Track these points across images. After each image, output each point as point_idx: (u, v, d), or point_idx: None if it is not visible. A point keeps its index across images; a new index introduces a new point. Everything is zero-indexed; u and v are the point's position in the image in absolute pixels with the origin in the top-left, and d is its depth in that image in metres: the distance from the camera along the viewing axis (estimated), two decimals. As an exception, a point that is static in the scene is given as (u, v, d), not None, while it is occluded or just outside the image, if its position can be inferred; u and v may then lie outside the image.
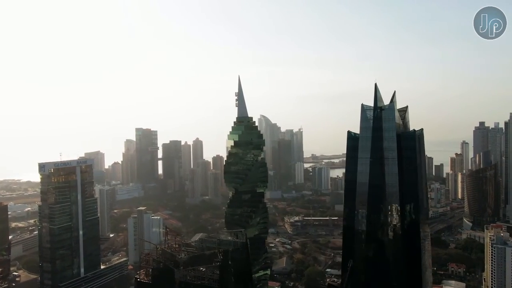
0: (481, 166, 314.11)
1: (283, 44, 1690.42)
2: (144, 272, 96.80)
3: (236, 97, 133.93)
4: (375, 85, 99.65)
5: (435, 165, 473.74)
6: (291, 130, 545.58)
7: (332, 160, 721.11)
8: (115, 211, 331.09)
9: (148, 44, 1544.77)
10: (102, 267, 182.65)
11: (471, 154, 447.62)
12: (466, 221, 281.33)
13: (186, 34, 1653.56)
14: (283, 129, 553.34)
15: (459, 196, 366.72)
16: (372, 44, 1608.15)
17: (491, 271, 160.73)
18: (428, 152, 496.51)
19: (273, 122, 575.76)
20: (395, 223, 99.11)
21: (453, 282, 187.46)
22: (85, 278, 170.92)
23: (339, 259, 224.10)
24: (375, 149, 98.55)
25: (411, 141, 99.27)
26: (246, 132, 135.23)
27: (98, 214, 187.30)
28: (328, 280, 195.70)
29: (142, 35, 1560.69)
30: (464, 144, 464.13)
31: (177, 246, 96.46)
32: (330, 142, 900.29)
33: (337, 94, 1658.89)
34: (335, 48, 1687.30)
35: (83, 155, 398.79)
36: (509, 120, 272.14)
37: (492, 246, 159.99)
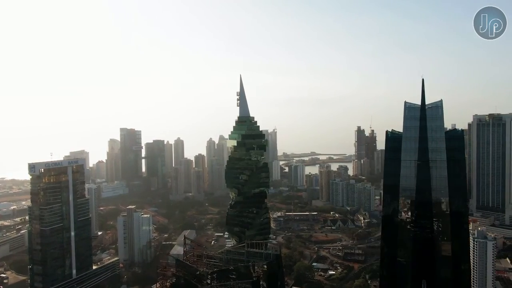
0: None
1: (258, 49, 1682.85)
2: (159, 287, 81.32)
3: (237, 96, 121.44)
4: (422, 81, 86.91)
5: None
6: (267, 131, 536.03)
7: (303, 158, 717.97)
8: (101, 208, 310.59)
9: (131, 46, 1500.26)
10: (94, 267, 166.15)
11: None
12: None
13: (173, 38, 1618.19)
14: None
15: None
16: (351, 52, 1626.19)
17: (472, 263, 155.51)
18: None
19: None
20: (445, 231, 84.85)
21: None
22: (77, 279, 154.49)
23: (323, 253, 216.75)
24: (422, 150, 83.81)
25: (459, 142, 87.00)
26: (249, 132, 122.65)
27: (90, 215, 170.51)
28: (315, 274, 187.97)
29: (126, 38, 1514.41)
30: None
31: (197, 257, 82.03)
32: (297, 141, 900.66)
33: (306, 98, 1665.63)
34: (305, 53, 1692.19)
35: (68, 154, 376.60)
36: (472, 122, 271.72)
37: (473, 240, 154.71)
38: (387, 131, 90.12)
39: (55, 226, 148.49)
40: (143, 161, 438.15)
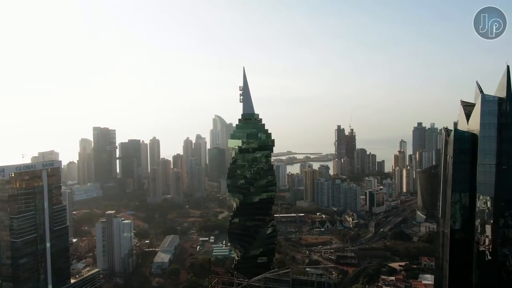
0: (433, 163, 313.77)
1: (231, 49, 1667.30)
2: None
3: (240, 91, 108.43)
4: (507, 68, 74.77)
5: (377, 162, 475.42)
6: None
7: (280, 157, 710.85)
8: (74, 212, 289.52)
9: (101, 43, 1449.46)
10: (72, 281, 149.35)
11: (409, 151, 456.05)
12: (420, 214, 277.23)
13: (144, 36, 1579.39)
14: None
15: (404, 190, 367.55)
16: (327, 52, 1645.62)
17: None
18: (371, 150, 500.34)
19: (228, 122, 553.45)
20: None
21: (429, 276, 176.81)
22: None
23: (315, 257, 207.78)
24: (506, 153, 71.78)
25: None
26: (254, 131, 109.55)
27: (68, 223, 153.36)
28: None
29: (95, 35, 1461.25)
30: (402, 142, 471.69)
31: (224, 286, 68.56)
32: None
33: (279, 97, 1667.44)
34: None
35: (36, 154, 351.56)
36: (457, 121, 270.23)
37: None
38: (456, 129, 79.47)
39: (28, 237, 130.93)
40: (118, 161, 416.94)
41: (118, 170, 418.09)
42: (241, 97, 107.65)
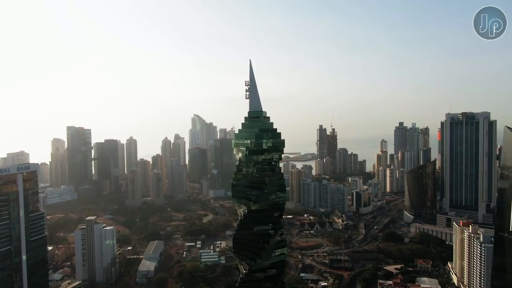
0: (421, 163, 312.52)
1: (207, 48, 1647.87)
2: None
3: (247, 87, 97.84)
4: None
5: (359, 161, 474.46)
6: (225, 129, 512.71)
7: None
8: (48, 217, 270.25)
9: (80, 45, 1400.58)
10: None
11: (389, 151, 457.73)
12: (408, 214, 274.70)
13: (124, 38, 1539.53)
14: (218, 129, 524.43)
15: (388, 190, 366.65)
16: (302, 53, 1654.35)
17: (479, 269, 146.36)
18: (352, 150, 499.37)
19: (208, 121, 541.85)
20: None
21: (426, 279, 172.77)
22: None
23: (307, 261, 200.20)
24: None
25: None
26: (263, 131, 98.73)
27: (46, 232, 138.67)
28: (306, 286, 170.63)
29: (65, 32, 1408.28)
30: (383, 142, 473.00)
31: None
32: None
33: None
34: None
35: (5, 156, 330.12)
36: (445, 121, 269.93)
37: (480, 246, 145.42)
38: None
39: (1, 250, 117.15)
40: (93, 162, 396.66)
41: (93, 172, 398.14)
42: (247, 93, 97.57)
